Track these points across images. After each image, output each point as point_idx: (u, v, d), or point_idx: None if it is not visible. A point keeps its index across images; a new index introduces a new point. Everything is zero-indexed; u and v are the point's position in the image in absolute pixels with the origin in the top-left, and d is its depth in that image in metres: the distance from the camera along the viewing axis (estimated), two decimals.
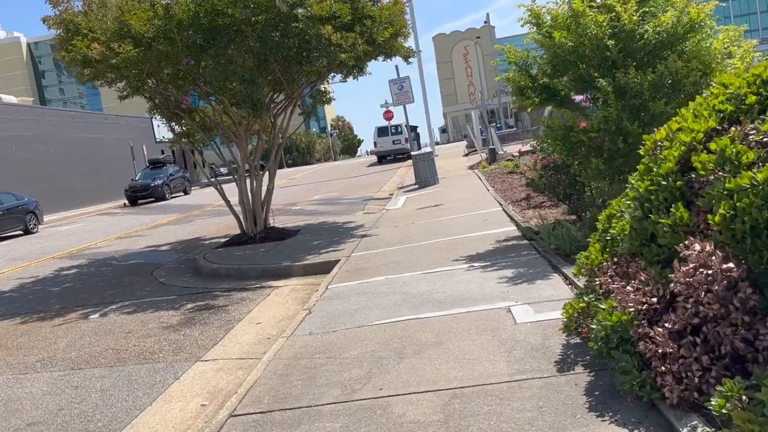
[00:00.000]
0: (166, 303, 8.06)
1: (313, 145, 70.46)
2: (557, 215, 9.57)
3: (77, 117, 38.65)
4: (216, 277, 9.54)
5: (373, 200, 17.86)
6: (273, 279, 8.77)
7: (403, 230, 10.55)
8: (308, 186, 27.32)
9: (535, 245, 7.44)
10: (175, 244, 13.84)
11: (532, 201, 11.61)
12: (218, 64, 9.21)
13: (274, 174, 12.15)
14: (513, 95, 8.04)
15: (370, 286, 6.78)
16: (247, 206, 11.71)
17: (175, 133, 12.10)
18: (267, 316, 6.89)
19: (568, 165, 8.10)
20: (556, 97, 7.74)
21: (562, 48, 7.08)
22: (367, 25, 10.37)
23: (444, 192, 15.98)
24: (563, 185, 8.10)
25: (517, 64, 7.93)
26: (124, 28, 9.59)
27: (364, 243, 9.86)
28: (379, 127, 36.02)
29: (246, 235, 11.77)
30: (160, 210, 25.60)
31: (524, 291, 5.59)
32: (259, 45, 9.34)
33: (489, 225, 9.50)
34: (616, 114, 6.61)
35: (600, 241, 4.33)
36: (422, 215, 12.12)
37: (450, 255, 7.73)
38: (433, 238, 9.12)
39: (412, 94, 20.29)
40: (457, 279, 6.44)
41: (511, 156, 20.90)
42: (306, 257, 9.38)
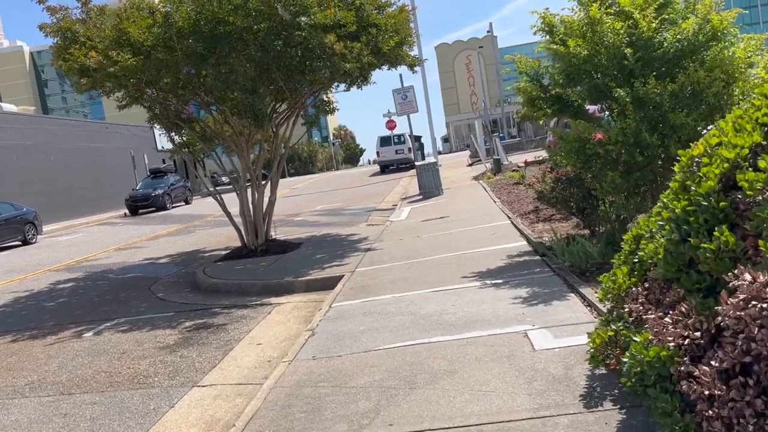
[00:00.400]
0: (163, 321, 7.75)
1: (315, 154, 70.33)
2: (568, 229, 9.26)
3: (78, 126, 38.50)
4: (215, 292, 9.23)
5: (377, 211, 17.57)
6: (274, 295, 8.46)
7: (409, 244, 10.25)
8: (311, 196, 27.05)
9: (548, 262, 7.13)
10: (175, 257, 13.54)
11: (541, 214, 11.30)
12: (219, 74, 8.95)
13: (276, 185, 11.86)
14: (524, 106, 7.75)
15: (376, 305, 6.46)
16: (248, 218, 11.42)
17: (174, 143, 11.83)
18: (268, 337, 6.57)
19: (581, 178, 7.80)
20: (570, 108, 7.46)
21: (577, 57, 6.80)
22: (372, 34, 10.12)
23: (449, 203, 15.68)
24: (576, 199, 7.79)
25: (527, 73, 7.65)
26: (122, 36, 9.34)
27: (369, 257, 9.55)
28: (382, 136, 35.79)
29: (247, 248, 11.47)
30: (161, 220, 25.33)
31: (541, 313, 5.27)
32: (260, 54, 9.08)
33: (498, 239, 9.19)
34: (634, 126, 6.31)
35: (626, 263, 4.02)
36: (428, 228, 11.81)
37: (459, 271, 7.42)
38: (440, 253, 8.81)
39: (416, 104, 20.04)
40: (468, 298, 6.13)
41: (516, 166, 20.61)
42: (309, 272, 9.07)
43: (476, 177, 22.04)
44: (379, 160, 36.93)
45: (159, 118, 11.36)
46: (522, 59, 7.64)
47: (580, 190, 7.80)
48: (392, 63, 11.42)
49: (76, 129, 36.95)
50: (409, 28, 11.50)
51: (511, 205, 13.38)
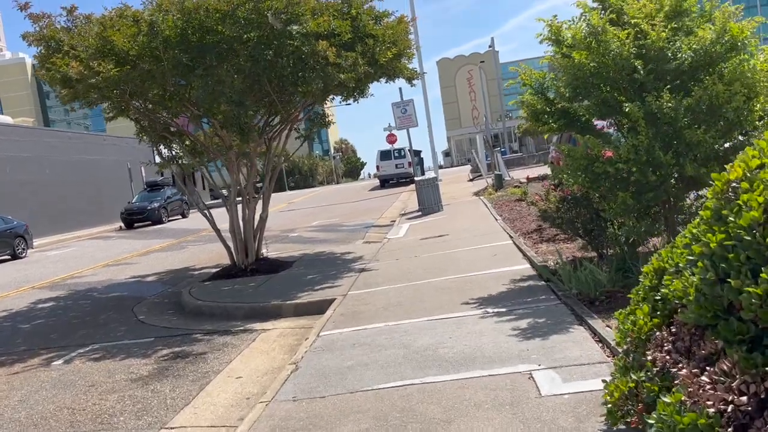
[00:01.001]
0: (139, 348, 7.22)
1: (315, 167, 70.03)
2: (574, 251, 8.74)
3: (75, 138, 38.15)
4: (199, 315, 8.71)
5: (374, 228, 17.07)
6: (260, 320, 7.94)
7: (406, 264, 9.73)
8: (308, 210, 26.57)
9: (554, 288, 6.61)
10: (163, 275, 13.04)
11: (544, 233, 10.79)
12: (206, 85, 8.50)
13: (268, 201, 11.38)
14: (528, 120, 7.29)
15: (367, 336, 5.94)
16: (238, 236, 10.92)
17: (162, 156, 11.36)
18: (249, 369, 6.04)
19: (588, 197, 7.30)
20: (576, 123, 6.99)
21: (583, 69, 6.34)
22: (368, 45, 9.69)
23: (449, 220, 15.19)
24: (583, 220, 7.29)
25: (532, 86, 7.19)
26: (106, 46, 8.91)
27: (363, 278, 9.04)
28: (382, 150, 35.41)
29: (236, 266, 10.96)
30: (155, 234, 24.84)
31: (547, 349, 4.75)
32: (250, 64, 8.64)
33: (500, 261, 8.68)
34: (647, 143, 5.83)
35: (646, 299, 3.51)
36: (426, 247, 11.31)
37: (457, 297, 6.90)
38: (438, 276, 8.30)
39: (415, 118, 19.61)
40: (466, 329, 5.61)
41: (518, 182, 20.15)
42: (298, 295, 8.55)
43: (477, 193, 21.57)
44: (378, 174, 36.54)
45: (146, 130, 10.91)
46: (526, 71, 7.18)
47: (587, 210, 7.30)
48: (390, 75, 10.98)
49: (73, 141, 36.57)
50: (408, 39, 11.07)
51: (513, 223, 12.88)
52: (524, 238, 10.65)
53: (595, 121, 7.13)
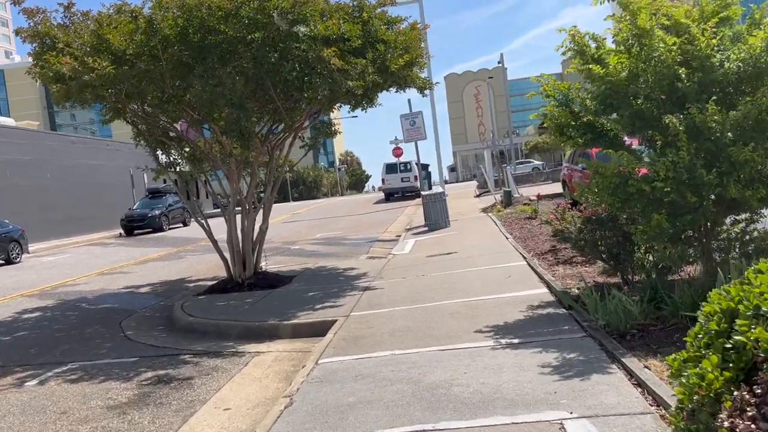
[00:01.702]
0: (122, 369, 6.62)
1: (320, 179, 69.64)
2: (594, 275, 8.14)
3: (78, 142, 37.72)
4: (191, 333, 8.13)
5: (379, 242, 16.50)
6: (255, 341, 7.35)
7: (412, 284, 9.14)
8: (311, 222, 26.03)
9: (577, 317, 6.00)
10: (157, 286, 12.47)
11: (559, 254, 10.19)
12: (205, 86, 7.97)
13: (269, 212, 10.82)
14: (551, 134, 6.72)
15: (370, 366, 5.34)
16: (235, 248, 10.35)
17: (159, 162, 10.83)
18: (239, 399, 5.44)
19: (614, 219, 6.72)
20: (604, 138, 6.42)
21: (617, 77, 5.79)
22: (380, 51, 9.17)
23: (457, 237, 14.59)
24: (608, 243, 6.69)
25: (555, 98, 6.63)
26: (103, 43, 8.42)
27: (367, 298, 8.45)
28: (388, 163, 34.91)
29: (233, 280, 10.38)
30: (154, 242, 24.31)
31: (578, 393, 4.14)
32: (253, 67, 8.11)
33: (514, 284, 8.08)
34: (688, 160, 5.26)
35: (711, 345, 2.92)
36: (433, 265, 10.71)
37: (470, 324, 6.30)
38: (448, 298, 7.70)
39: (424, 131, 19.07)
40: (483, 363, 5.00)
41: (527, 200, 19.56)
42: (297, 314, 7.96)
43: (485, 209, 20.97)
44: (384, 188, 35.97)
45: (143, 135, 10.38)
46: (550, 81, 6.63)
47: (612, 233, 6.71)
48: (400, 84, 10.45)
49: (76, 146, 36.17)
50: (420, 48, 10.57)
51: (525, 242, 12.28)
52: (538, 258, 10.04)
53: (624, 137, 6.57)
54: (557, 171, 37.42)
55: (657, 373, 4.25)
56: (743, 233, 5.95)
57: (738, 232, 6.01)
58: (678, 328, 5.24)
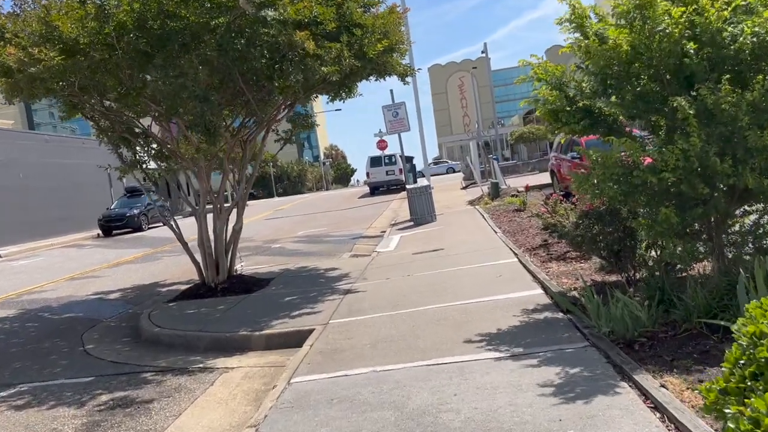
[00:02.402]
0: (74, 391, 5.96)
1: (304, 174, 68.79)
2: (590, 273, 7.59)
3: (53, 141, 36.64)
4: (156, 345, 7.47)
5: (363, 239, 15.89)
6: (225, 353, 6.72)
7: (397, 285, 8.54)
8: (294, 219, 25.35)
9: (577, 323, 5.43)
10: (128, 291, 11.77)
11: (552, 249, 9.64)
12: (166, 77, 7.28)
13: (243, 210, 10.15)
14: (544, 120, 6.13)
15: (348, 386, 4.73)
16: (207, 250, 9.68)
17: (123, 160, 10.11)
18: (201, 427, 4.81)
19: (614, 213, 6.15)
20: (602, 124, 5.84)
21: (619, 53, 5.20)
22: (356, 35, 8.52)
23: (443, 232, 14.01)
24: (609, 239, 6.12)
25: (548, 81, 6.04)
26: (52, 32, 7.68)
27: (348, 303, 7.83)
28: (372, 157, 34.26)
29: (205, 285, 9.72)
30: (132, 243, 23.53)
31: (586, 420, 3.56)
32: (217, 55, 7.43)
33: (506, 284, 7.50)
34: (700, 147, 4.68)
35: (763, 379, 2.35)
36: (419, 263, 10.12)
37: (459, 333, 5.71)
38: (435, 302, 7.11)
39: (408, 122, 18.46)
40: (475, 382, 4.41)
41: (515, 191, 19.03)
42: (271, 322, 7.33)
43: (472, 202, 20.43)
44: (368, 182, 35.35)
45: (105, 131, 9.66)
46: (542, 64, 6.03)
47: (613, 228, 6.14)
48: (380, 72, 9.80)
49: (51, 144, 35.12)
50: (400, 32, 9.93)
51: (514, 236, 11.72)
52: (530, 254, 9.48)
53: (623, 121, 5.99)
54: (545, 161, 37.00)
55: (677, 394, 3.68)
56: (757, 226, 5.40)
57: (751, 225, 5.46)
58: (692, 335, 4.69)
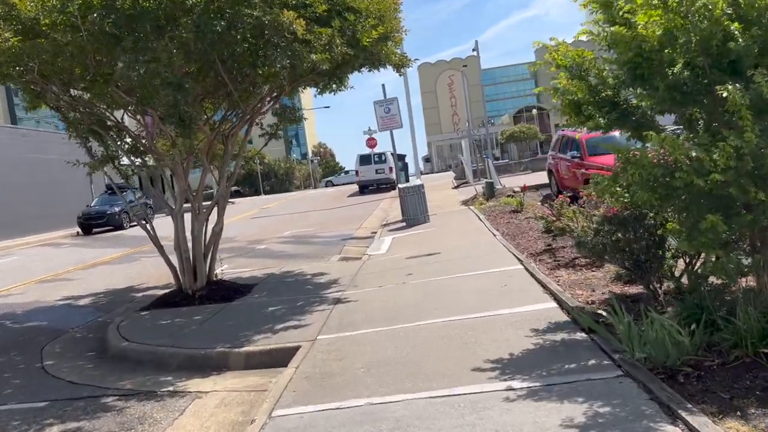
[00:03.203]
0: (24, 420, 5.16)
1: (292, 171, 67.81)
2: (605, 282, 6.91)
3: (30, 136, 35.49)
4: (123, 361, 6.69)
5: (353, 240, 15.14)
6: (199, 374, 5.96)
7: (392, 295, 7.80)
8: (281, 218, 24.54)
9: (603, 346, 4.73)
10: (101, 296, 10.94)
11: (558, 255, 8.95)
12: (134, 62, 6.48)
13: (224, 210, 9.37)
14: (562, 113, 5.41)
15: (339, 425, 3.98)
16: (184, 254, 8.89)
17: (92, 155, 9.28)
18: None
19: (640, 217, 5.45)
20: (629, 118, 5.14)
21: (649, 39, 4.50)
22: (349, 20, 7.78)
23: (438, 234, 13.29)
24: (635, 248, 5.42)
25: (568, 68, 5.33)
26: (10, 11, 6.86)
27: (338, 314, 7.09)
28: (362, 155, 33.48)
29: (182, 292, 8.93)
30: (111, 242, 22.62)
31: None
32: (194, 38, 6.64)
33: (513, 295, 6.79)
34: (755, 143, 3.99)
35: None
36: (414, 269, 9.39)
37: (467, 355, 4.99)
38: (436, 315, 6.38)
39: (400, 119, 17.74)
40: (492, 422, 3.68)
41: (511, 191, 18.36)
42: (252, 337, 6.56)
43: (465, 202, 19.73)
44: (358, 180, 34.55)
45: (74, 124, 8.83)
46: (561, 48, 5.32)
47: (639, 235, 5.44)
48: (373, 62, 9.07)
49: (28, 139, 34.00)
50: (397, 19, 9.20)
51: (514, 239, 11.03)
52: (535, 260, 8.79)
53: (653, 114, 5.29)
54: (537, 160, 36.44)
55: None
56: None
57: None
58: (745, 364, 4.00)
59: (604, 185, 4.83)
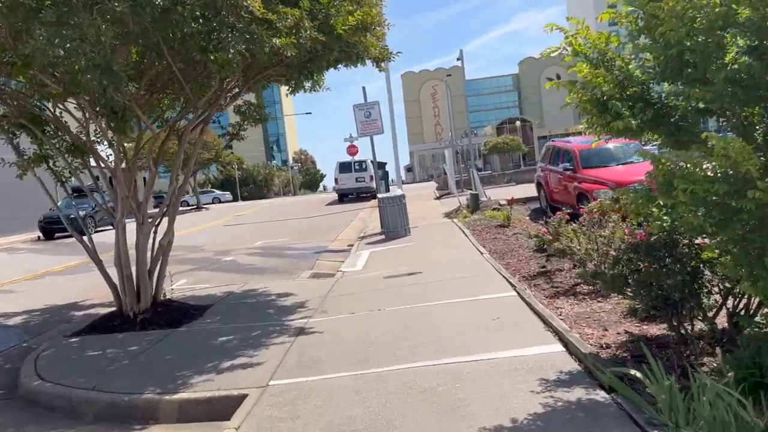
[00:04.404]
0: None
1: (271, 177, 66.37)
2: (617, 317, 5.83)
3: None
4: (32, 407, 5.44)
5: (327, 253, 13.96)
6: (120, 427, 4.75)
7: (364, 325, 6.64)
8: (255, 226, 23.27)
9: (631, 412, 3.62)
10: (35, 315, 9.64)
11: (555, 279, 7.88)
12: (53, 38, 5.27)
13: (173, 221, 8.15)
14: (582, 111, 4.32)
15: None
16: (125, 270, 7.65)
17: (19, 153, 8.02)
18: None
19: (673, 245, 4.38)
20: (666, 119, 4.07)
21: (684, 17, 3.46)
22: (321, 2, 6.66)
23: (420, 250, 12.17)
24: (668, 283, 4.33)
25: (588, 57, 4.27)
26: None
27: (299, 350, 5.92)
28: (342, 162, 32.34)
29: (123, 314, 7.68)
30: (72, 248, 21.05)
31: None
32: (131, 12, 5.45)
33: (508, 332, 5.67)
34: None
35: None
36: (392, 292, 8.25)
37: (455, 419, 3.85)
38: (415, 357, 5.24)
39: (381, 124, 16.65)
40: None
41: (497, 204, 17.32)
42: (192, 379, 5.35)
43: (449, 214, 18.65)
44: (337, 188, 33.35)
45: None
46: (581, 31, 4.24)
47: (669, 266, 4.36)
48: (350, 55, 7.93)
49: None
50: (378, 9, 8.11)
51: (503, 258, 9.94)
52: (529, 285, 7.70)
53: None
54: (521, 172, 35.60)
55: None
56: None
57: None
58: None
59: (637, 204, 3.74)
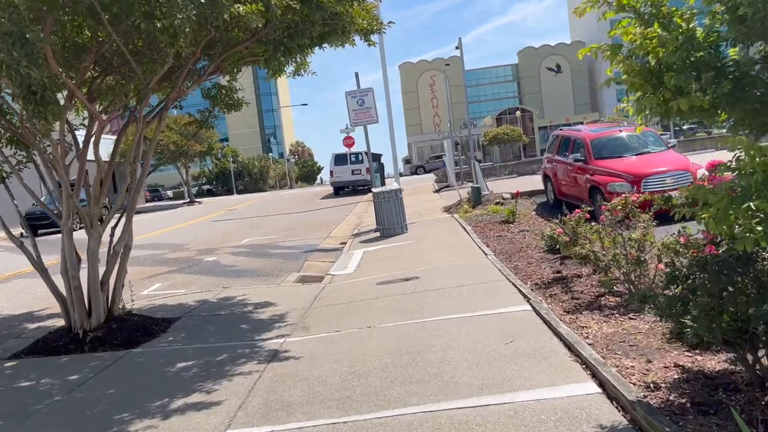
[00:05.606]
0: None
1: (267, 170, 65.11)
2: (657, 341, 4.77)
3: None
4: None
5: (318, 252, 12.89)
6: None
7: (351, 349, 5.56)
8: (245, 221, 22.19)
9: None
10: None
11: (572, 286, 6.80)
12: None
13: (130, 223, 7.06)
14: (629, 88, 3.22)
15: None
16: (73, 281, 6.57)
17: None
18: None
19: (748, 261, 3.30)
20: (751, 91, 2.98)
21: None
22: None
23: (418, 250, 11.08)
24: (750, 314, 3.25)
25: (638, 11, 3.17)
26: None
27: (268, 385, 4.84)
28: (337, 154, 31.15)
29: (72, 332, 6.60)
30: (51, 246, 19.93)
31: None
32: None
33: (526, 363, 4.59)
34: None
35: None
36: (386, 303, 7.17)
37: None
38: (412, 398, 4.16)
39: (376, 113, 15.51)
40: None
41: (500, 198, 16.23)
42: (130, 426, 4.27)
43: (448, 208, 17.56)
44: (332, 181, 32.20)
45: None
46: None
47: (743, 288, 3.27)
48: (335, 29, 6.82)
49: None
50: None
51: (511, 260, 8.87)
52: (543, 295, 6.63)
53: None
54: (522, 164, 34.48)
55: None
56: None
57: None
58: None
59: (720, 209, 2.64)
